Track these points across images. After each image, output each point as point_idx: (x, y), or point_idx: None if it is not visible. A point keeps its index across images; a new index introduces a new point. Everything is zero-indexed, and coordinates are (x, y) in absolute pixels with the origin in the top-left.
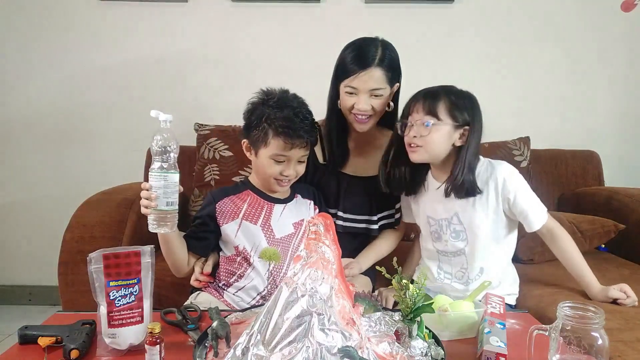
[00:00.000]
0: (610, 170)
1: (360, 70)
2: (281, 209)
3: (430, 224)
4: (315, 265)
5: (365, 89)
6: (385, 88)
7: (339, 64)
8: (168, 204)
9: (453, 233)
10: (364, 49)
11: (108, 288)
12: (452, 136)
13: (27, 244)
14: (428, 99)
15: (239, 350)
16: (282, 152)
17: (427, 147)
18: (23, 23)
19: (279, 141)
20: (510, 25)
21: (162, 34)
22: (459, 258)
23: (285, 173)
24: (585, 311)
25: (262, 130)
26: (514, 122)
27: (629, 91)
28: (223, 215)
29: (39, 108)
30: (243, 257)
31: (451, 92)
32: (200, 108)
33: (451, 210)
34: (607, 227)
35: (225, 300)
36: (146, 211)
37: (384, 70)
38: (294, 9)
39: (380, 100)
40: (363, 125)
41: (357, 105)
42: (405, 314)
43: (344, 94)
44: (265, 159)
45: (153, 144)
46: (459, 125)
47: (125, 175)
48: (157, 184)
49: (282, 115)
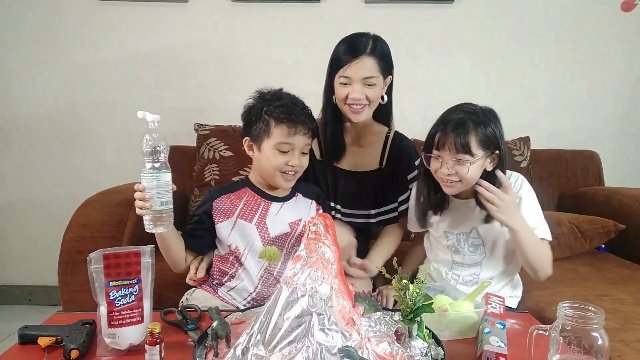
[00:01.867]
0: (610, 170)
1: (353, 59)
2: (278, 207)
3: (448, 238)
4: (315, 265)
5: (359, 78)
6: (378, 77)
7: (332, 59)
8: (162, 204)
9: (471, 247)
10: (355, 41)
11: (108, 288)
12: (485, 164)
13: (27, 244)
14: (459, 135)
15: (239, 350)
16: (285, 139)
17: (465, 181)
18: (23, 23)
19: (282, 128)
20: (510, 25)
21: (162, 34)
22: (474, 268)
23: (291, 163)
24: (585, 311)
25: (264, 122)
26: (514, 122)
27: (629, 91)
28: (219, 213)
29: (39, 108)
30: (235, 257)
31: (478, 120)
32: (200, 108)
33: (470, 225)
34: (607, 227)
35: (220, 296)
36: (141, 212)
37: (376, 59)
38: (294, 9)
39: (374, 90)
40: (358, 116)
41: (351, 95)
42: (405, 314)
43: (338, 85)
44: (269, 150)
45: (143, 145)
46: (491, 153)
47: (125, 175)
48: (150, 184)
49: (281, 104)
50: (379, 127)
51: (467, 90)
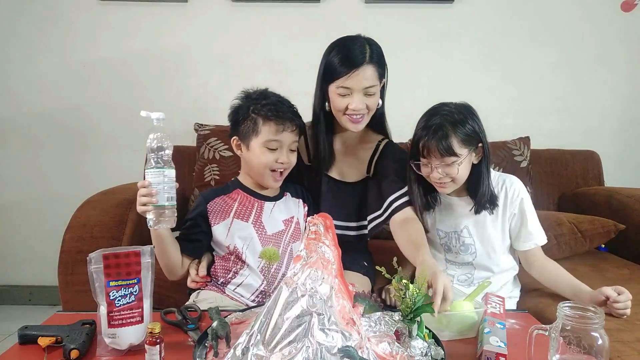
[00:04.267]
0: (610, 170)
1: (353, 70)
2: (271, 206)
3: (440, 237)
4: (315, 265)
5: (359, 88)
6: (377, 85)
7: (326, 67)
8: (168, 199)
9: (462, 246)
10: (350, 48)
11: (108, 288)
12: (471, 159)
13: (27, 244)
14: (440, 140)
15: (239, 350)
16: (274, 136)
17: (457, 180)
18: (24, 23)
19: (270, 125)
20: (510, 25)
21: (162, 34)
22: (467, 267)
23: (280, 160)
24: (585, 311)
25: (251, 120)
26: (514, 122)
27: (629, 91)
28: (215, 214)
29: (39, 108)
30: (236, 256)
31: (455, 120)
32: (200, 108)
33: (461, 224)
34: (607, 227)
35: (228, 295)
36: (145, 208)
37: (375, 66)
38: (294, 9)
39: (373, 98)
40: (358, 125)
41: (351, 106)
42: (405, 314)
43: (335, 95)
44: (257, 148)
45: (148, 143)
46: (475, 147)
47: (125, 175)
48: (157, 179)
49: (268, 102)
50: (371, 136)
51: (467, 90)
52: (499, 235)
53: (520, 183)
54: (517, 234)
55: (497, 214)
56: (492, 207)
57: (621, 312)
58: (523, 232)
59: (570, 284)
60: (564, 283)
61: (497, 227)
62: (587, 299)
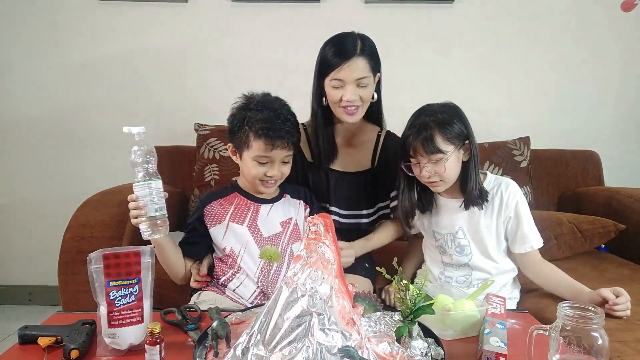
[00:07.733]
0: (610, 170)
1: (344, 62)
2: (268, 208)
3: (436, 238)
4: (315, 265)
5: (352, 79)
6: (370, 77)
7: (321, 61)
8: (157, 210)
9: (457, 248)
10: (343, 42)
11: (108, 288)
12: (459, 157)
13: (27, 244)
14: (425, 138)
15: (239, 350)
16: (263, 153)
17: (446, 178)
18: (23, 23)
19: (259, 143)
20: (510, 25)
21: (162, 34)
22: (464, 269)
23: (269, 174)
24: (585, 311)
25: (244, 133)
26: (514, 122)
27: (629, 91)
28: (211, 218)
29: (39, 108)
30: (232, 259)
31: (437, 119)
32: (200, 108)
33: (456, 225)
34: (607, 227)
35: (228, 296)
36: (137, 221)
37: (366, 59)
38: (294, 9)
39: (367, 90)
40: (353, 117)
41: (344, 97)
42: (405, 314)
43: (330, 88)
44: (249, 161)
45: (132, 157)
46: (462, 145)
47: (125, 175)
48: (143, 192)
49: (262, 117)
50: (370, 127)
51: (467, 90)
52: (493, 238)
53: (516, 186)
54: (513, 238)
55: (492, 216)
56: (481, 203)
57: (621, 314)
58: (519, 235)
59: (568, 285)
60: (562, 285)
61: (491, 230)
62: (586, 300)
